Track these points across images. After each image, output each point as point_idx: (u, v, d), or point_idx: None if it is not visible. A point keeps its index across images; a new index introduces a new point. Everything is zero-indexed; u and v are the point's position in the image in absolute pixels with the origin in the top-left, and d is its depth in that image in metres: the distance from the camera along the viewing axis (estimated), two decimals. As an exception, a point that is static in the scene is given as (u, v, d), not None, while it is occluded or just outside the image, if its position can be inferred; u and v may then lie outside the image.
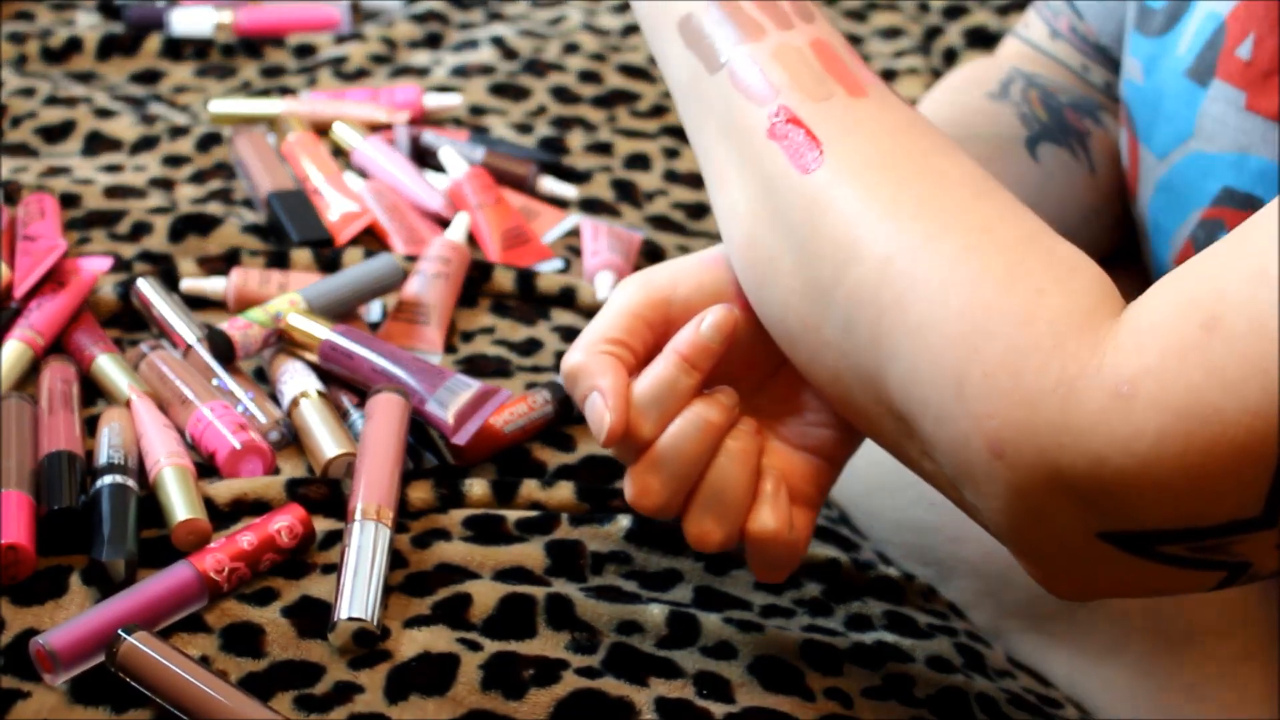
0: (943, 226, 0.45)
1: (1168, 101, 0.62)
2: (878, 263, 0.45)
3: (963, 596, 0.67)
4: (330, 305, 0.70)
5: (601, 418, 0.50)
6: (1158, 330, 0.41)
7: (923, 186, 0.47)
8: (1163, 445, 0.40)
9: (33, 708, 0.50)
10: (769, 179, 0.49)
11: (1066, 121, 0.70)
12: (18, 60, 0.95)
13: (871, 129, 0.48)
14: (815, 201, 0.47)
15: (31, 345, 0.66)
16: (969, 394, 0.43)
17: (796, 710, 0.54)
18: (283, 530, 0.56)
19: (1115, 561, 0.43)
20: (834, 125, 0.48)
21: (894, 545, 0.69)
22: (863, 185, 0.47)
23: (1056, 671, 0.65)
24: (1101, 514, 0.42)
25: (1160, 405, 0.40)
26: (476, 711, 0.52)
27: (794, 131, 0.48)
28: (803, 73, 0.49)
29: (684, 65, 0.52)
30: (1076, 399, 0.41)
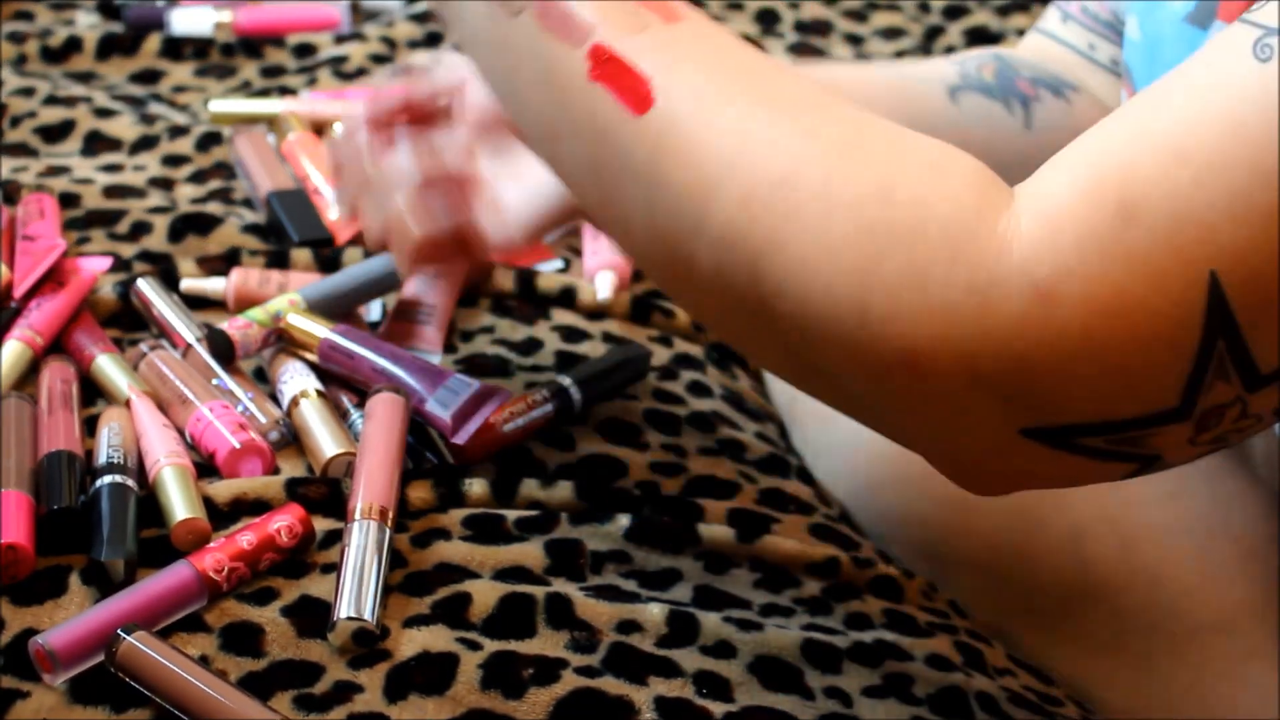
0: (802, 147, 0.43)
1: (1166, 49, 0.62)
2: (741, 198, 0.43)
3: (964, 593, 0.67)
4: (330, 305, 0.70)
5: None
6: (1069, 221, 0.40)
7: (767, 111, 0.44)
8: (1088, 341, 0.39)
9: (32, 707, 0.50)
10: (601, 126, 0.46)
11: (1011, 84, 0.72)
12: (17, 60, 0.95)
13: (697, 55, 0.46)
14: (656, 144, 0.45)
15: (31, 345, 0.66)
16: (873, 318, 0.41)
17: (796, 709, 0.54)
18: (282, 530, 0.56)
19: (1034, 456, 0.42)
20: (657, 57, 0.45)
21: (896, 542, 0.69)
22: (703, 118, 0.44)
23: (1058, 668, 0.65)
24: (1023, 411, 0.41)
25: (1083, 303, 0.39)
26: (476, 711, 0.52)
27: (617, 70, 0.45)
28: (613, 5, 0.46)
29: (479, 13, 0.48)
30: (992, 305, 0.40)
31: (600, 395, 0.69)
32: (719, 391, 0.73)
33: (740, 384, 0.76)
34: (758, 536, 0.62)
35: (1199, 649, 0.63)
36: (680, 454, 0.67)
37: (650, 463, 0.66)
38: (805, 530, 0.64)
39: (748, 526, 0.62)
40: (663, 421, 0.69)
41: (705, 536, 0.61)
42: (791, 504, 0.66)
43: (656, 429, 0.68)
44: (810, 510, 0.66)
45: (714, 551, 0.61)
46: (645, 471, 0.65)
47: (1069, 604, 0.65)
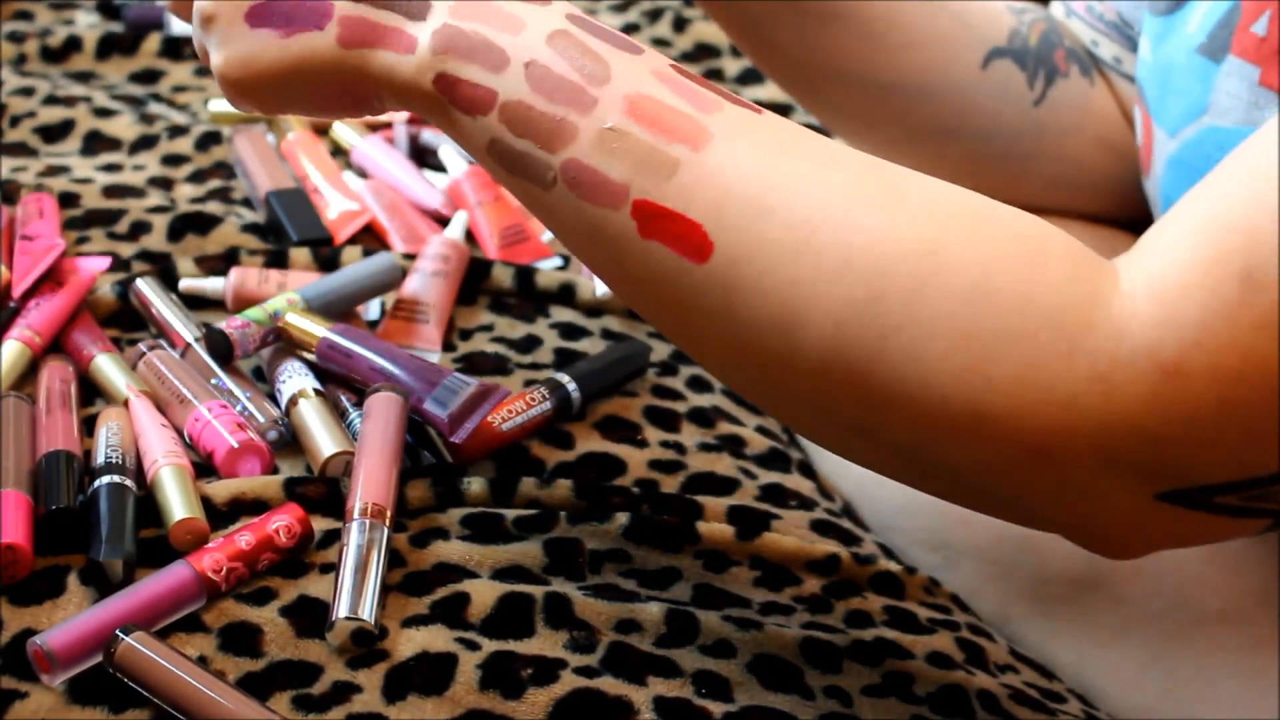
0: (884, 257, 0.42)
1: (1177, 77, 0.62)
2: (833, 323, 0.42)
3: (969, 582, 0.67)
4: (329, 304, 0.70)
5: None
6: (1192, 294, 0.40)
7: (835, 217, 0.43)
8: (1221, 409, 0.40)
9: (30, 708, 0.50)
10: (665, 280, 0.44)
11: (1049, 56, 0.72)
12: (17, 60, 0.95)
13: (741, 179, 0.43)
14: (726, 287, 0.43)
15: (30, 345, 0.66)
16: (993, 420, 0.41)
17: (796, 709, 0.54)
18: (281, 530, 0.56)
19: (1171, 518, 0.43)
20: (703, 198, 0.43)
21: (901, 531, 0.69)
22: (768, 250, 0.43)
23: (1062, 658, 0.65)
24: (1158, 481, 0.41)
25: (1213, 373, 0.39)
26: (475, 711, 0.51)
27: (667, 222, 0.43)
28: (639, 151, 0.44)
29: (517, 189, 0.47)
30: (1119, 390, 0.40)
31: (599, 392, 0.69)
32: (719, 386, 0.73)
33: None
34: (757, 534, 0.61)
35: (1205, 638, 0.63)
36: (680, 451, 0.67)
37: (649, 460, 0.66)
38: (806, 526, 0.64)
39: (747, 524, 0.62)
40: (662, 418, 0.69)
41: (704, 535, 0.61)
42: (792, 499, 0.66)
43: (656, 426, 0.68)
44: (811, 505, 0.66)
45: (713, 550, 0.61)
46: (644, 469, 0.65)
47: (1074, 593, 0.65)
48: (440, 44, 0.46)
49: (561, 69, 0.45)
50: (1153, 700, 0.63)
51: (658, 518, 0.61)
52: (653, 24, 1.04)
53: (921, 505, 0.68)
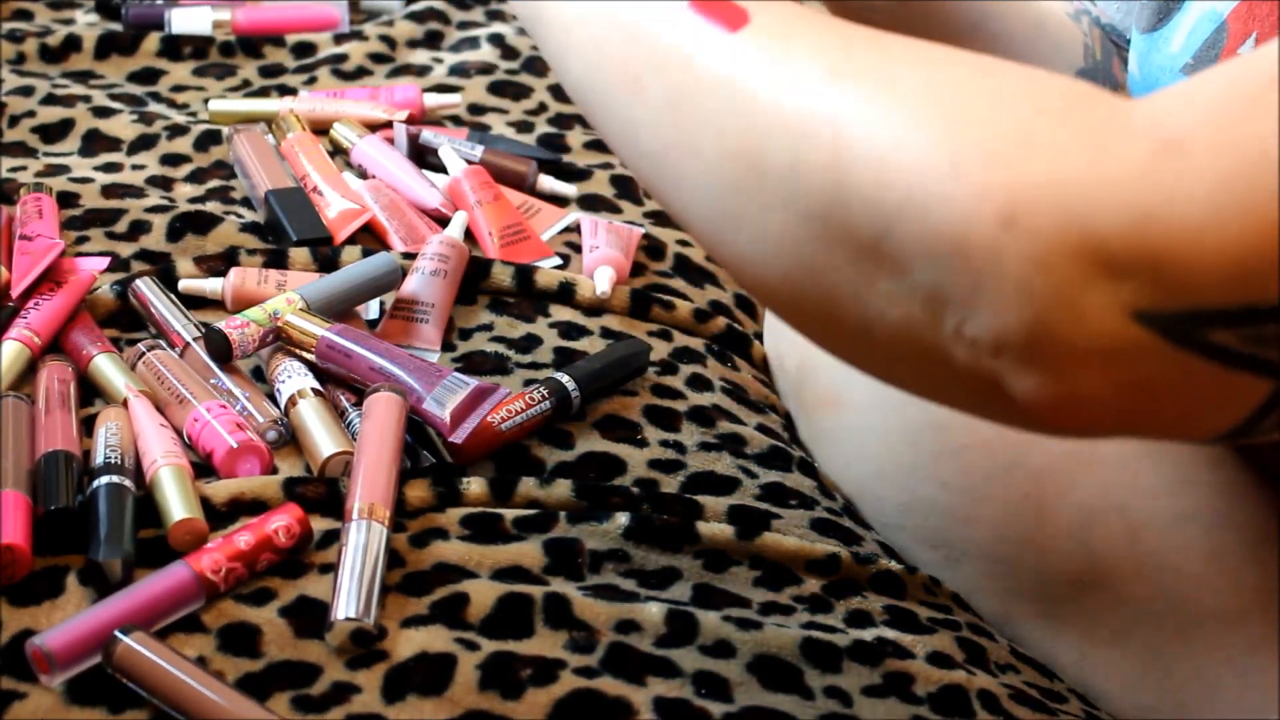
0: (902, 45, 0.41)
1: None
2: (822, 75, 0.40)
3: (970, 581, 0.67)
4: (328, 304, 0.70)
5: None
6: (1207, 86, 0.36)
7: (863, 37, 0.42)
8: (1226, 196, 0.34)
9: (29, 708, 0.50)
10: (691, 51, 0.44)
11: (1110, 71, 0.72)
12: (16, 59, 0.95)
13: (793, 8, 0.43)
14: (744, 51, 0.42)
15: (29, 345, 0.66)
16: (965, 166, 0.36)
17: (795, 709, 0.54)
18: (280, 530, 0.56)
19: (1146, 355, 0.36)
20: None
21: (903, 529, 0.69)
22: (795, 29, 0.42)
23: (1064, 657, 0.65)
24: (1141, 287, 0.35)
25: (1221, 150, 0.34)
26: (474, 712, 0.51)
27: (718, 3, 0.44)
28: None
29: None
30: (1112, 148, 0.35)
31: (599, 392, 0.68)
32: (720, 384, 0.73)
33: (742, 375, 0.75)
34: (757, 534, 0.61)
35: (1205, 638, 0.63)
36: (680, 450, 0.67)
37: (649, 460, 0.66)
38: (806, 525, 0.64)
39: (747, 523, 0.62)
40: (662, 417, 0.69)
41: (704, 534, 0.61)
42: (793, 498, 0.66)
43: (656, 425, 0.68)
44: (812, 504, 0.66)
45: (713, 549, 0.61)
46: (644, 469, 0.65)
47: (1075, 592, 0.65)
48: None
49: None
50: (1153, 700, 0.63)
51: (658, 517, 0.61)
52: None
53: (922, 506, 0.68)
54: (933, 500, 0.68)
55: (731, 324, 0.78)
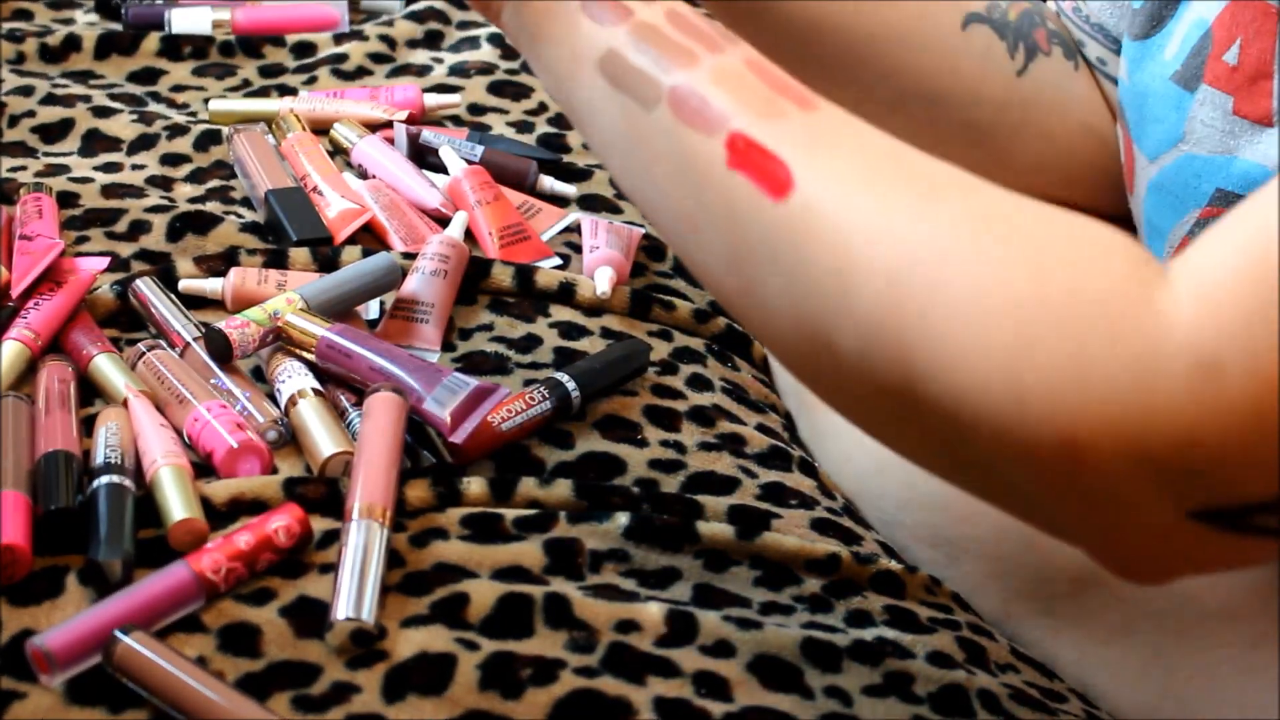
0: (950, 226, 0.43)
1: (1153, 104, 0.63)
2: (887, 276, 0.42)
3: (970, 580, 0.67)
4: (328, 304, 0.70)
5: None
6: (1233, 294, 0.39)
7: (911, 192, 0.44)
8: (1260, 412, 0.38)
9: (29, 708, 0.50)
10: (740, 213, 0.46)
11: (1029, 33, 0.72)
12: (16, 59, 0.95)
13: (836, 140, 0.46)
14: (797, 228, 0.44)
15: (29, 345, 0.66)
16: (1029, 403, 0.40)
17: (796, 709, 0.54)
18: (280, 530, 0.56)
19: (1203, 540, 0.41)
20: (796, 142, 0.45)
21: (903, 526, 0.69)
22: (845, 200, 0.44)
23: (1064, 655, 0.64)
24: (1192, 493, 0.40)
25: (1252, 370, 0.38)
26: (474, 712, 0.51)
27: (756, 156, 0.45)
28: (749, 93, 0.46)
29: (613, 109, 0.49)
30: (1154, 378, 0.39)
31: (599, 392, 0.68)
32: (720, 384, 0.73)
33: (743, 375, 0.75)
34: (758, 533, 0.61)
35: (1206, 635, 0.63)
36: (680, 450, 0.67)
37: (649, 460, 0.65)
38: (807, 525, 0.64)
39: (747, 523, 0.62)
40: (662, 417, 0.68)
41: (704, 534, 0.61)
42: (793, 498, 0.66)
43: (656, 425, 0.68)
44: (812, 504, 0.66)
45: (713, 549, 0.61)
46: (644, 469, 0.65)
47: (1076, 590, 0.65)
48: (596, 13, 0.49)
49: (698, 21, 0.49)
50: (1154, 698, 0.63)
51: (658, 517, 0.61)
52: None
53: (923, 502, 0.68)
54: (932, 498, 0.68)
55: (731, 324, 0.78)
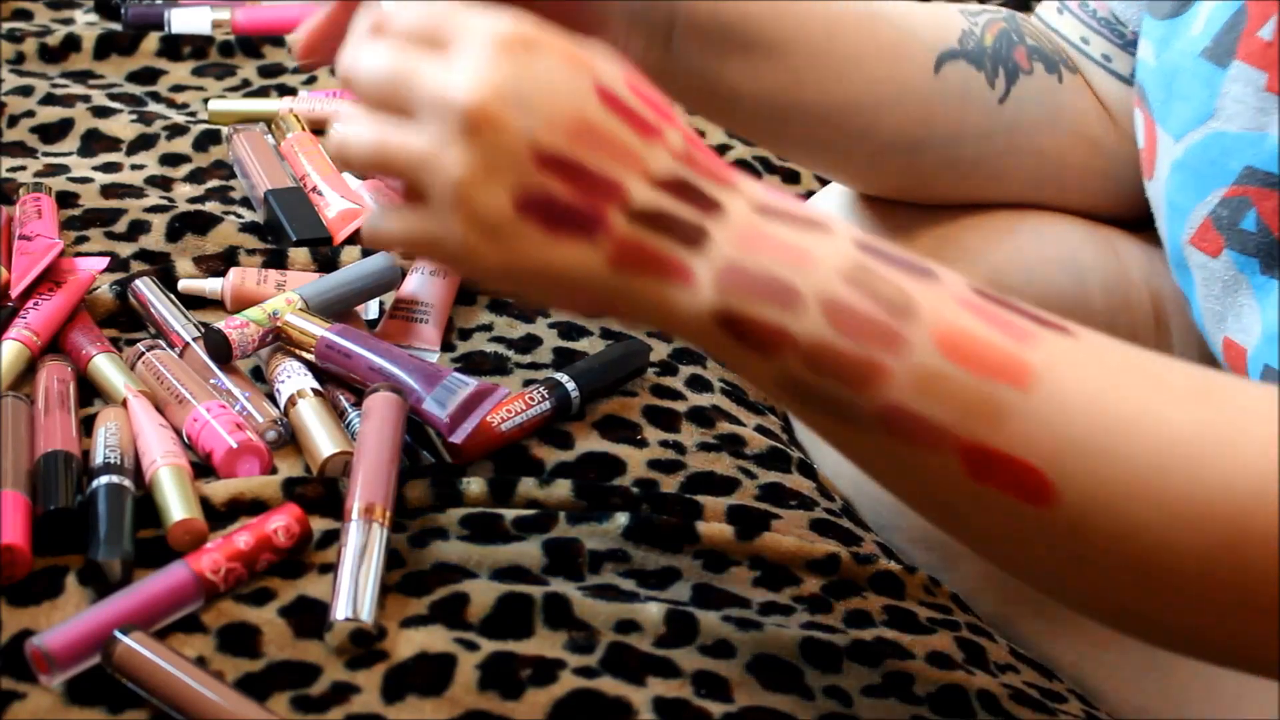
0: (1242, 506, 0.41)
1: (1182, 82, 0.62)
2: (1195, 572, 0.41)
3: (967, 583, 0.66)
4: (328, 304, 0.70)
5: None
6: None
7: (1183, 471, 0.41)
8: None
9: (29, 709, 0.50)
10: (1004, 525, 0.43)
11: (1009, 55, 0.71)
12: (15, 59, 0.95)
13: (1072, 417, 0.42)
14: (1074, 530, 0.42)
15: (28, 345, 0.66)
16: None
17: (795, 709, 0.54)
18: (279, 530, 0.56)
19: None
20: (1036, 437, 0.42)
21: (901, 530, 0.69)
22: (1119, 497, 0.41)
23: (1062, 658, 0.64)
24: None
25: None
26: (474, 712, 0.51)
27: (1001, 465, 0.42)
28: (964, 396, 0.42)
29: (815, 421, 0.45)
30: None
31: (598, 392, 0.68)
32: (719, 385, 0.73)
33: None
34: (757, 534, 0.61)
35: None
36: (679, 450, 0.67)
37: (649, 460, 0.65)
38: (806, 526, 0.64)
39: (747, 524, 0.62)
40: (661, 417, 0.68)
41: (704, 535, 0.61)
42: (792, 499, 0.66)
43: (655, 425, 0.68)
44: (811, 505, 0.66)
45: (713, 550, 0.61)
46: (643, 469, 0.65)
47: None
48: (725, 282, 0.44)
49: (863, 306, 0.43)
50: (1151, 699, 0.63)
51: (657, 518, 0.61)
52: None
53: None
54: None
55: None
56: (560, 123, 0.43)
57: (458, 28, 0.44)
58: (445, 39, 0.44)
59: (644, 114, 0.45)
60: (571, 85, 0.44)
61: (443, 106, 0.43)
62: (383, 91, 0.45)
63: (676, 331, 0.46)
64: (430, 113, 0.44)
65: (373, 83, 0.45)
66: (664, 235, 0.44)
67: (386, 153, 0.45)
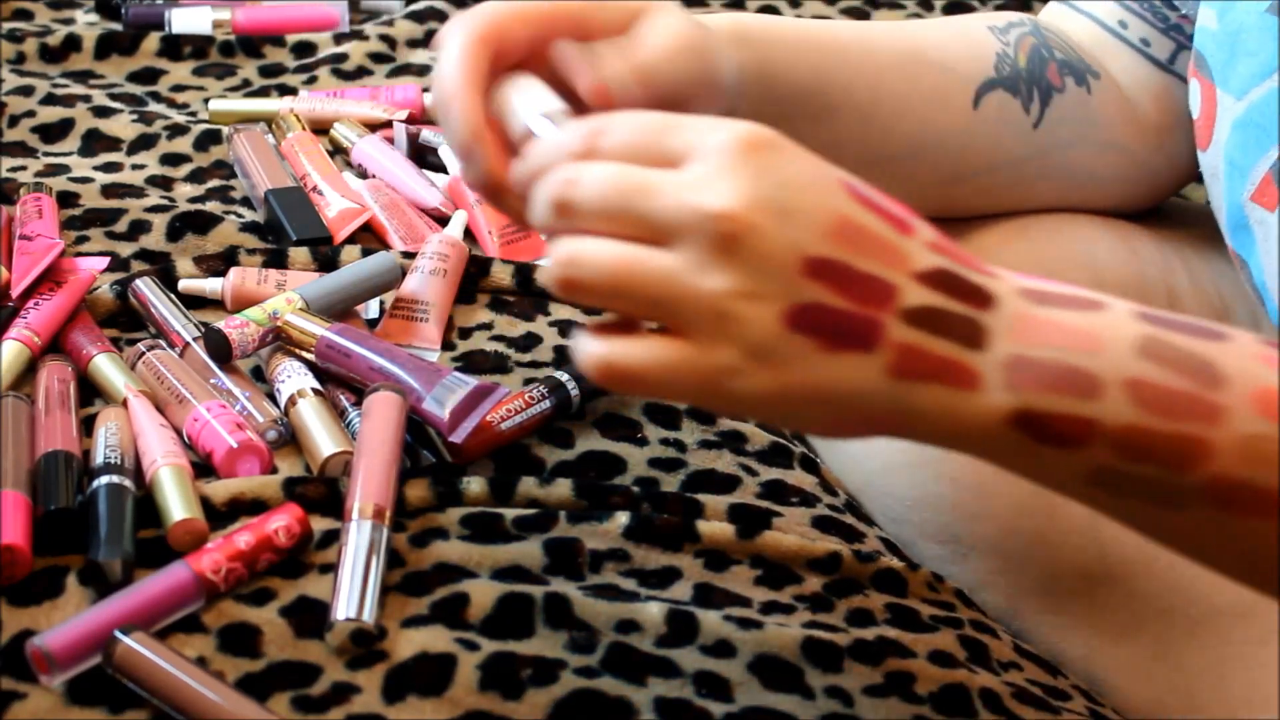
0: None
1: (1247, 39, 0.62)
2: None
3: (977, 576, 0.66)
4: (328, 304, 0.70)
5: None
6: None
7: None
8: None
9: (29, 709, 0.50)
10: None
11: (1042, 75, 0.71)
12: (16, 59, 0.95)
13: None
14: None
15: (29, 345, 0.66)
16: None
17: (796, 709, 0.54)
18: (280, 530, 0.56)
19: None
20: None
21: (910, 523, 0.68)
22: None
23: (1072, 651, 0.64)
24: None
25: None
26: (474, 712, 0.51)
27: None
28: (1246, 438, 0.40)
29: (1125, 511, 0.43)
30: None
31: (599, 390, 0.68)
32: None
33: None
34: (758, 532, 0.61)
35: (1216, 632, 0.63)
36: (680, 448, 0.67)
37: (649, 458, 0.65)
38: (808, 523, 0.64)
39: (748, 522, 0.62)
40: (662, 415, 0.68)
41: (705, 534, 0.61)
42: (794, 496, 0.66)
43: (655, 423, 0.68)
44: (813, 502, 0.66)
45: (714, 549, 0.61)
46: (644, 468, 0.65)
47: (1086, 587, 0.65)
48: (1014, 377, 0.42)
49: (1170, 381, 0.41)
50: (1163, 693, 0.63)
51: (658, 517, 0.61)
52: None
53: (932, 501, 0.68)
54: (942, 496, 0.68)
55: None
56: (823, 225, 0.41)
57: (688, 137, 0.42)
58: (676, 151, 0.42)
59: (890, 207, 0.43)
60: (823, 184, 0.41)
61: (694, 223, 0.40)
62: (615, 215, 0.42)
63: (962, 440, 0.42)
64: (679, 231, 0.40)
65: (602, 207, 0.42)
66: (943, 336, 0.42)
67: (633, 281, 0.41)
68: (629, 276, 0.41)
